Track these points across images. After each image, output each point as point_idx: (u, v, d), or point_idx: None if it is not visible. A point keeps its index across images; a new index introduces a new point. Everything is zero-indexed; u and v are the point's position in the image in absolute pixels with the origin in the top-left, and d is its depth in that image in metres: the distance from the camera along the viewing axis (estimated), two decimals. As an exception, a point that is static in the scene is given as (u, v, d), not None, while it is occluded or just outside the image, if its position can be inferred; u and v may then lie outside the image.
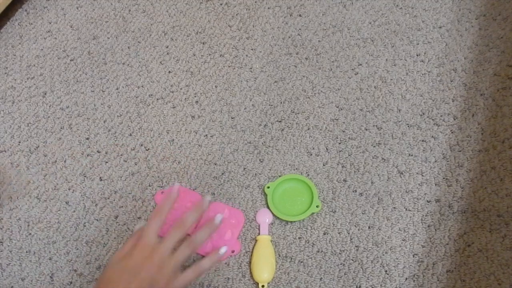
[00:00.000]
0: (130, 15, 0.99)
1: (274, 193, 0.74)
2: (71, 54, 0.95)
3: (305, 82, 0.86)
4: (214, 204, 0.74)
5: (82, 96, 0.89)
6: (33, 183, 0.79)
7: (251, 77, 0.88)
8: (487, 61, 0.85)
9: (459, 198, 0.72)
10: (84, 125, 0.85)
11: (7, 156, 0.82)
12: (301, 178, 0.75)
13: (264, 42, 0.93)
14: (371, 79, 0.86)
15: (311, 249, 0.70)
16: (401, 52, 0.88)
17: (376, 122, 0.81)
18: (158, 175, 0.78)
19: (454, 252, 0.68)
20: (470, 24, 0.90)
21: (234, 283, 0.68)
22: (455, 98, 0.82)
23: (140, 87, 0.89)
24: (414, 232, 0.70)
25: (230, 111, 0.85)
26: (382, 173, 0.76)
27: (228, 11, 0.98)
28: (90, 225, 0.75)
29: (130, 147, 0.82)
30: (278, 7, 0.97)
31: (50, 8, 1.02)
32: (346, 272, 0.68)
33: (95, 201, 0.77)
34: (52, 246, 0.73)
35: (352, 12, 0.95)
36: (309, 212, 0.71)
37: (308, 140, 0.80)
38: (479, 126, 0.78)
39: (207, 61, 0.91)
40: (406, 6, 0.94)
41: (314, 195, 0.73)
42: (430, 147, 0.77)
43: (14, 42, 0.98)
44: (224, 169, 0.78)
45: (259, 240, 0.70)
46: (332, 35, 0.92)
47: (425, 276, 0.67)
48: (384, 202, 0.73)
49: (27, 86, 0.91)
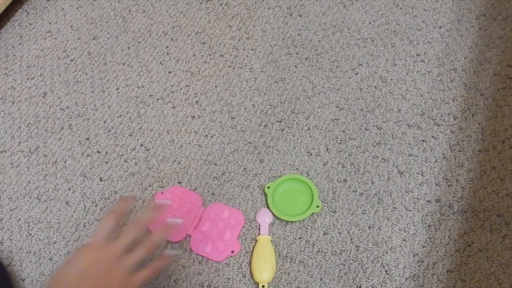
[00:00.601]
0: (130, 15, 1.00)
1: (274, 193, 0.74)
2: (71, 55, 0.95)
3: (305, 82, 0.86)
4: (214, 205, 0.74)
5: (82, 97, 0.89)
6: (33, 184, 0.79)
7: (251, 77, 0.88)
8: (487, 61, 0.85)
9: (459, 198, 0.72)
10: (84, 125, 0.85)
11: (7, 157, 0.82)
12: (301, 178, 0.75)
13: (264, 42, 0.93)
14: (371, 79, 0.86)
15: (311, 249, 0.70)
16: (401, 52, 0.88)
17: (376, 122, 0.81)
18: (158, 176, 0.78)
19: (455, 252, 0.68)
20: (470, 24, 0.90)
21: (234, 283, 0.68)
22: (455, 98, 0.82)
23: (140, 88, 0.89)
24: (415, 232, 0.70)
25: (230, 111, 0.85)
26: (382, 173, 0.75)
27: (228, 11, 0.98)
28: (90, 225, 0.75)
29: (130, 147, 0.82)
30: (278, 7, 0.97)
31: (50, 9, 1.02)
32: (346, 272, 0.68)
33: (95, 202, 0.77)
34: (53, 246, 0.73)
35: (352, 12, 0.95)
36: (309, 212, 0.71)
37: (308, 140, 0.80)
38: (479, 126, 0.78)
39: (207, 61, 0.91)
40: (406, 6, 0.94)
41: (314, 195, 0.73)
42: (430, 147, 0.77)
43: (14, 42, 0.98)
44: (224, 169, 0.78)
45: (259, 240, 0.70)
46: (332, 35, 0.92)
47: (426, 276, 0.67)
48: (384, 202, 0.73)
49: (27, 87, 0.91)
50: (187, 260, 0.70)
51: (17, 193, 0.79)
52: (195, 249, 0.70)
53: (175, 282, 0.69)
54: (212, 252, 0.69)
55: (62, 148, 0.83)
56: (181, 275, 0.69)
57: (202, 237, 0.71)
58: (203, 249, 0.70)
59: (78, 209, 0.76)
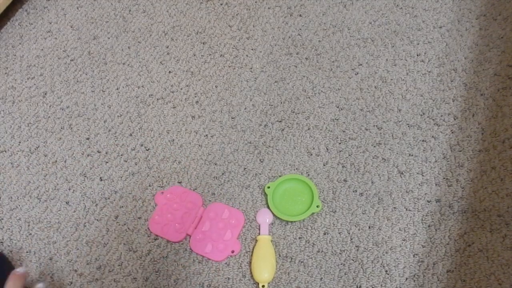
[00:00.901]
0: (130, 15, 1.00)
1: (275, 193, 0.74)
2: (72, 54, 0.95)
3: (306, 82, 0.86)
4: (214, 204, 0.74)
5: (83, 96, 0.89)
6: (33, 183, 0.79)
7: (251, 77, 0.88)
8: (487, 61, 0.85)
9: (459, 198, 0.72)
10: (84, 125, 0.85)
11: (7, 156, 0.83)
12: (301, 178, 0.75)
13: (265, 42, 0.93)
14: (372, 79, 0.86)
15: (312, 249, 0.70)
16: (402, 52, 0.88)
17: (377, 122, 0.81)
18: (158, 175, 0.78)
19: (455, 252, 0.68)
20: (470, 24, 0.90)
21: (234, 283, 0.68)
22: (455, 98, 0.82)
23: (140, 87, 0.89)
24: (415, 232, 0.70)
25: (230, 111, 0.85)
26: (383, 173, 0.75)
27: (228, 11, 0.98)
28: (90, 225, 0.75)
29: (130, 147, 0.82)
30: (278, 7, 0.97)
31: (51, 8, 1.02)
32: (346, 272, 0.68)
33: (95, 201, 0.77)
34: (53, 246, 0.73)
35: (352, 12, 0.95)
36: (309, 212, 0.71)
37: (309, 140, 0.80)
38: (480, 126, 0.78)
39: (208, 61, 0.91)
40: (407, 6, 0.94)
41: (315, 195, 0.73)
42: (431, 147, 0.77)
43: (14, 42, 0.98)
44: (225, 169, 0.78)
45: (260, 240, 0.70)
46: (332, 35, 0.92)
47: (426, 276, 0.67)
48: (384, 202, 0.73)
49: (27, 86, 0.91)
50: (187, 260, 0.70)
51: (17, 193, 0.79)
52: (195, 249, 0.70)
53: (175, 282, 0.69)
54: (212, 252, 0.69)
55: (62, 147, 0.83)
56: (181, 275, 0.69)
57: (202, 237, 0.71)
58: (203, 249, 0.70)
59: (78, 208, 0.76)
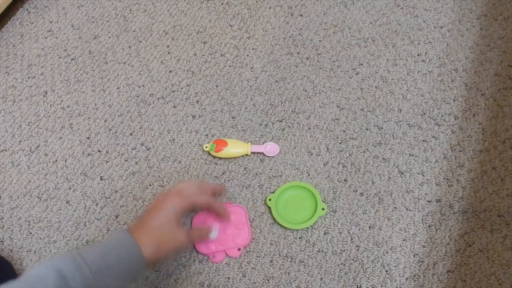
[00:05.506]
0: (131, 14, 1.00)
1: (277, 205, 0.73)
2: (72, 54, 0.95)
3: (306, 82, 0.86)
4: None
5: (83, 96, 0.89)
6: (33, 182, 0.79)
7: (252, 76, 0.88)
8: (488, 61, 0.85)
9: (460, 198, 0.72)
10: (85, 124, 0.85)
11: (8, 156, 0.83)
12: (300, 184, 0.74)
13: (265, 42, 0.93)
14: (372, 79, 0.86)
15: (312, 249, 0.70)
16: (402, 52, 0.88)
17: (377, 122, 0.81)
18: (158, 175, 0.78)
19: (455, 252, 0.68)
20: (471, 24, 0.90)
21: (234, 282, 0.68)
22: (456, 98, 0.82)
23: (141, 87, 0.89)
24: (415, 232, 0.70)
25: (230, 111, 0.85)
26: (383, 173, 0.75)
27: (229, 10, 0.98)
28: (90, 224, 0.75)
29: (130, 146, 0.82)
30: (279, 7, 0.97)
31: (51, 8, 1.02)
32: (346, 272, 0.68)
33: (95, 201, 0.77)
34: (53, 245, 0.73)
35: (353, 12, 0.95)
36: (316, 217, 0.71)
37: (309, 140, 0.80)
38: (480, 126, 0.78)
39: (208, 61, 0.91)
40: (407, 6, 0.94)
41: (318, 198, 0.72)
42: (431, 147, 0.77)
43: (15, 41, 0.98)
44: (225, 168, 0.78)
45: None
46: (333, 34, 0.92)
47: (426, 276, 0.67)
48: (384, 202, 0.73)
49: (28, 85, 0.91)
50: (187, 260, 0.70)
51: (18, 192, 0.79)
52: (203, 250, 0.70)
53: (175, 281, 0.69)
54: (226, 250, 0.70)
55: (62, 147, 0.83)
56: (181, 274, 0.69)
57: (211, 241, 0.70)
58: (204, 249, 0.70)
59: (78, 208, 0.76)
